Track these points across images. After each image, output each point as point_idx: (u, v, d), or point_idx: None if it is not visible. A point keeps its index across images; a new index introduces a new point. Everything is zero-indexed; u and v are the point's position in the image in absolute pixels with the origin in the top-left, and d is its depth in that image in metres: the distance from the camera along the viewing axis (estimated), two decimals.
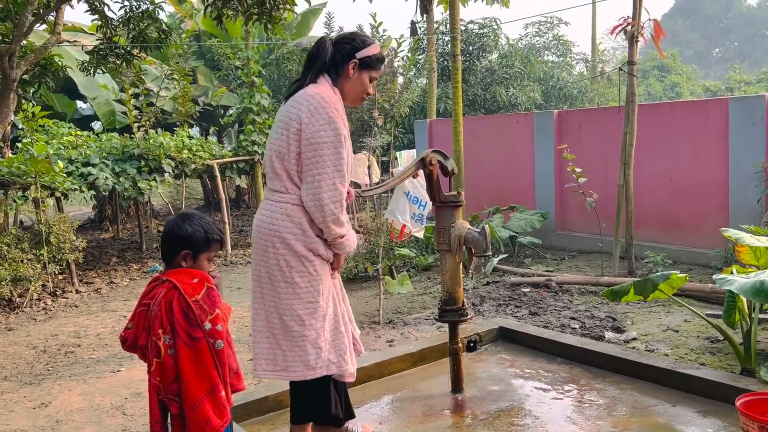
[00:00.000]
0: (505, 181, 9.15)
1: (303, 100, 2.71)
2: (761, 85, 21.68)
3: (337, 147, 2.67)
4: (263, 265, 2.76)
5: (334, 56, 2.82)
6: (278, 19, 6.90)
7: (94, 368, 4.85)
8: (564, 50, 17.87)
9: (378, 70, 2.92)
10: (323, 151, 2.65)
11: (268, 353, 2.77)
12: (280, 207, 2.72)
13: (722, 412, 3.24)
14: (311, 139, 2.65)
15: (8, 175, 7.25)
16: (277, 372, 2.76)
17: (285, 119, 2.73)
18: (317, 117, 2.66)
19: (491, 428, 3.24)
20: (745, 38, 47.12)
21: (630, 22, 6.22)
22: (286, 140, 2.70)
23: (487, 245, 3.27)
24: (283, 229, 2.70)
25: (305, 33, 16.62)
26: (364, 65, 2.84)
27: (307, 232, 2.71)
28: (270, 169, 2.78)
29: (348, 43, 2.84)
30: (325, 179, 2.65)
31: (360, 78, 2.86)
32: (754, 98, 6.52)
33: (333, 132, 2.66)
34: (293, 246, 2.69)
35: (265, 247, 2.74)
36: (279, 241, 2.70)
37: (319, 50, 2.82)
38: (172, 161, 8.99)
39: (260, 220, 2.78)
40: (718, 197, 6.75)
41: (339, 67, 2.82)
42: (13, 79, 6.89)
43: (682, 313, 5.05)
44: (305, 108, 2.68)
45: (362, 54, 2.82)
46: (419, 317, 5.47)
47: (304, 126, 2.66)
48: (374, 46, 2.87)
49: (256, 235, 2.79)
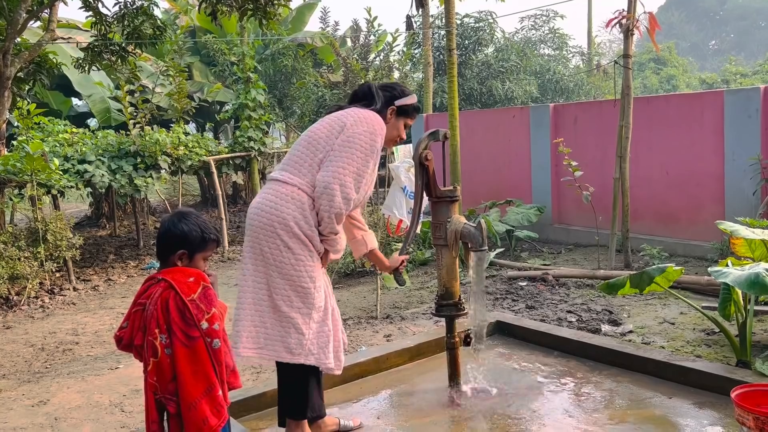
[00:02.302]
0: (501, 175, 9.16)
1: (352, 111, 2.93)
2: (757, 77, 21.69)
3: (367, 155, 2.82)
4: (260, 244, 2.77)
5: (382, 100, 3.04)
6: (273, 14, 6.89)
7: (93, 365, 4.85)
8: (560, 43, 17.86)
9: (413, 117, 3.17)
10: (355, 151, 2.79)
11: (250, 331, 2.77)
12: (287, 190, 2.78)
13: (718, 403, 3.26)
14: (350, 137, 2.81)
15: (4, 173, 7.24)
16: (257, 350, 2.76)
17: (330, 119, 2.90)
18: (361, 124, 2.85)
19: (489, 422, 3.26)
20: (741, 30, 47.13)
21: (625, 15, 6.21)
22: (325, 133, 2.84)
23: (483, 240, 3.28)
24: (286, 211, 2.75)
25: (300, 28, 16.58)
26: (401, 112, 3.10)
27: (309, 220, 2.77)
28: (293, 154, 2.87)
29: (389, 91, 3.09)
30: (344, 174, 2.76)
31: (396, 124, 3.11)
32: (749, 90, 6.53)
33: (370, 141, 2.84)
34: (293, 229, 2.74)
35: (264, 227, 2.76)
36: (280, 222, 2.74)
37: (371, 92, 3.06)
38: (168, 158, 8.98)
39: (262, 202, 2.80)
40: (714, 190, 6.76)
41: (383, 110, 3.03)
42: (8, 77, 6.87)
43: (678, 305, 5.07)
44: (353, 116, 2.88)
45: (401, 102, 3.08)
46: (416, 312, 5.49)
47: (347, 128, 2.83)
48: (412, 97, 3.15)
49: (256, 214, 2.79)
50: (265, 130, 10.84)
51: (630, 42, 6.36)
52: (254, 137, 10.21)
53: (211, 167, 9.63)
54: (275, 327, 2.76)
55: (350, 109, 2.94)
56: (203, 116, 15.57)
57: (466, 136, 8.92)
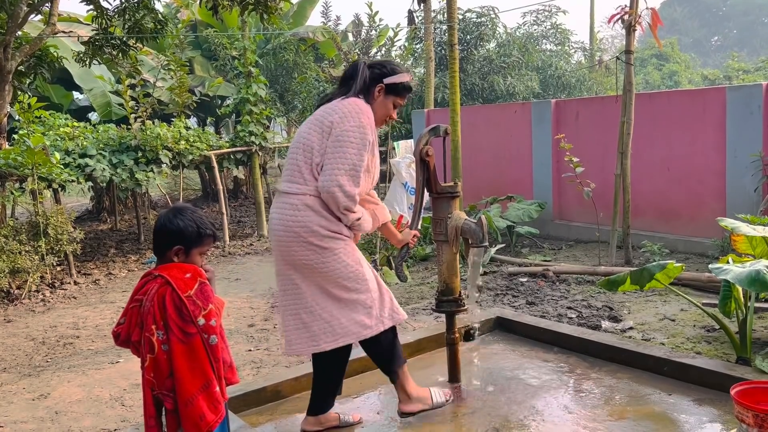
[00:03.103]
0: (502, 170, 9.15)
1: (337, 105, 2.93)
2: (759, 73, 21.62)
3: (360, 149, 2.85)
4: (293, 256, 2.89)
5: (366, 78, 3.02)
6: (274, 8, 6.88)
7: (93, 359, 4.86)
8: (562, 39, 17.79)
9: (403, 97, 3.13)
10: (347, 148, 2.83)
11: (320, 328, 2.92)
12: (299, 199, 2.86)
13: (718, 400, 3.26)
14: (339, 136, 2.84)
15: (5, 167, 7.24)
16: (333, 342, 2.93)
17: (317, 120, 2.92)
18: (348, 119, 2.86)
19: (488, 418, 3.26)
20: (744, 26, 46.98)
21: (628, 11, 6.19)
22: (317, 137, 2.88)
23: (483, 236, 3.27)
24: (306, 219, 2.85)
25: (302, 22, 16.54)
26: (389, 90, 3.06)
27: (329, 217, 2.87)
28: (292, 164, 2.93)
29: (378, 69, 3.06)
30: (340, 174, 2.81)
31: (384, 102, 3.07)
32: (751, 87, 6.51)
33: (360, 134, 2.86)
34: (320, 232, 2.85)
35: (293, 239, 2.87)
36: (306, 230, 2.84)
37: (354, 71, 3.04)
38: (169, 152, 8.97)
39: (281, 217, 2.90)
40: (715, 186, 6.75)
41: (368, 89, 3.03)
42: (9, 71, 6.87)
43: (678, 302, 5.07)
44: (339, 111, 2.89)
45: (389, 80, 3.04)
46: (417, 307, 5.49)
47: (335, 125, 2.85)
48: (403, 75, 3.09)
49: (281, 230, 2.90)
50: (266, 124, 10.81)
51: (632, 38, 6.34)
52: (255, 132, 10.19)
53: (212, 162, 9.62)
54: (346, 315, 2.92)
55: (334, 104, 2.95)
56: (204, 111, 15.55)
57: (468, 131, 8.91)
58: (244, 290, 6.82)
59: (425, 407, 3.19)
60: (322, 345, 2.93)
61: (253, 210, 11.70)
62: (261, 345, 4.91)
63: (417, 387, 3.19)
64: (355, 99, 2.96)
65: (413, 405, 3.15)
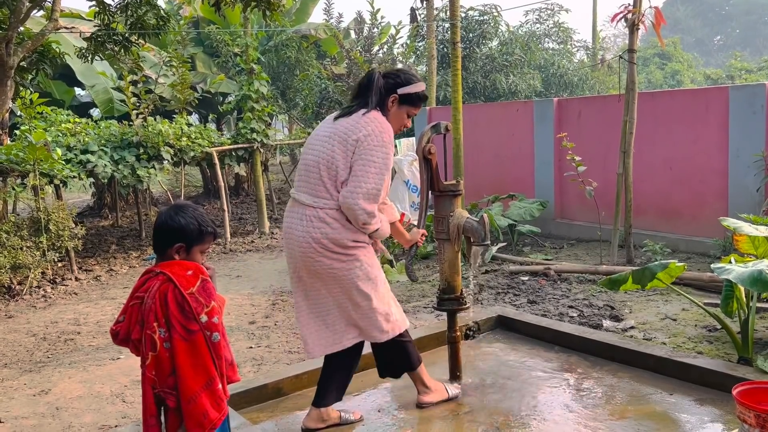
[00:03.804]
0: (504, 169, 9.14)
1: (362, 120, 2.96)
2: (762, 73, 21.58)
3: (382, 170, 2.93)
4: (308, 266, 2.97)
5: (381, 89, 3.05)
6: (276, 5, 6.87)
7: (94, 356, 4.87)
8: (564, 37, 17.75)
9: (417, 106, 3.15)
10: (370, 168, 2.90)
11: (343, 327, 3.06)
12: (327, 213, 2.93)
13: (719, 400, 3.26)
14: (364, 155, 2.89)
15: (7, 163, 7.24)
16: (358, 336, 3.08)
17: (341, 134, 2.95)
18: (374, 138, 2.91)
19: (489, 416, 3.26)
20: (747, 25, 46.87)
21: (631, 9, 6.18)
22: (341, 155, 2.92)
23: (485, 234, 3.27)
24: (334, 233, 2.92)
25: (304, 19, 16.51)
26: (403, 100, 3.09)
27: (353, 229, 2.96)
28: (313, 176, 2.97)
29: (392, 79, 3.08)
30: (361, 193, 2.88)
31: (398, 112, 3.11)
32: (754, 87, 6.50)
33: (383, 155, 2.93)
34: (346, 243, 2.94)
35: (307, 253, 2.95)
36: (332, 242, 2.92)
37: (370, 82, 3.06)
38: (170, 149, 8.97)
39: (307, 228, 2.95)
40: (718, 186, 6.74)
41: (383, 100, 3.06)
42: (11, 66, 6.86)
43: (680, 301, 5.06)
44: (364, 128, 2.93)
45: (403, 90, 3.07)
46: (418, 305, 5.49)
47: (360, 143, 2.90)
48: (417, 85, 3.10)
49: (295, 242, 2.97)
50: (267, 121, 10.80)
51: (635, 37, 6.33)
52: (257, 129, 10.18)
53: (213, 158, 9.62)
54: (366, 321, 3.03)
55: (356, 120, 2.96)
56: (206, 107, 15.52)
57: (470, 129, 8.90)
58: (245, 287, 6.82)
59: (443, 398, 3.34)
60: (344, 342, 3.04)
61: (255, 207, 11.70)
62: (262, 342, 4.91)
63: (433, 380, 3.35)
64: (375, 114, 2.98)
65: (433, 395, 3.30)
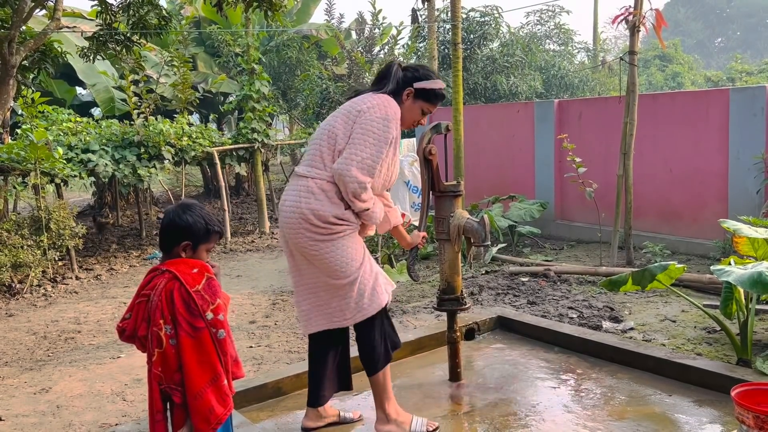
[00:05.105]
0: (505, 170, 9.15)
1: (369, 97, 2.93)
2: (762, 75, 21.57)
3: (381, 143, 2.84)
4: (294, 238, 2.87)
5: (398, 80, 3.01)
6: (278, 6, 6.87)
7: (95, 354, 4.88)
8: (565, 39, 17.76)
9: (433, 104, 3.09)
10: (368, 138, 2.82)
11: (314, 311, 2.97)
12: (316, 183, 2.85)
13: (718, 402, 3.27)
14: (363, 124, 2.84)
15: (8, 162, 7.25)
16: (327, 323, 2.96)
17: (344, 109, 2.93)
18: (376, 110, 2.86)
19: (488, 416, 3.27)
20: (748, 28, 46.87)
21: (632, 11, 6.19)
22: (342, 124, 2.88)
23: (486, 235, 3.28)
24: (305, 205, 2.83)
25: (305, 20, 16.53)
26: (419, 95, 3.03)
27: (340, 204, 2.85)
28: (315, 149, 2.92)
29: (411, 72, 3.04)
30: (355, 160, 2.80)
31: (413, 107, 3.05)
32: (754, 89, 6.51)
33: (383, 127, 2.85)
34: (327, 218, 2.82)
35: (292, 224, 2.86)
36: (302, 216, 2.82)
37: (388, 72, 3.02)
38: (171, 148, 8.98)
39: (287, 199, 2.91)
40: (718, 188, 6.75)
41: (399, 91, 3.01)
42: (13, 65, 6.87)
43: (679, 303, 5.07)
44: (367, 102, 2.89)
45: (419, 85, 3.02)
46: (418, 306, 5.49)
47: (362, 113, 2.86)
48: (435, 82, 3.05)
49: (284, 213, 2.90)
50: (268, 121, 10.81)
51: (636, 38, 6.34)
52: (258, 129, 10.19)
53: (214, 158, 9.63)
54: (334, 300, 2.90)
55: (365, 95, 2.96)
56: (207, 107, 15.54)
57: (470, 130, 8.91)
58: (245, 287, 6.83)
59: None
60: (342, 321, 2.94)
61: (255, 207, 11.71)
62: (262, 342, 4.92)
63: (399, 410, 3.02)
64: (386, 95, 2.95)
65: (388, 427, 2.97)
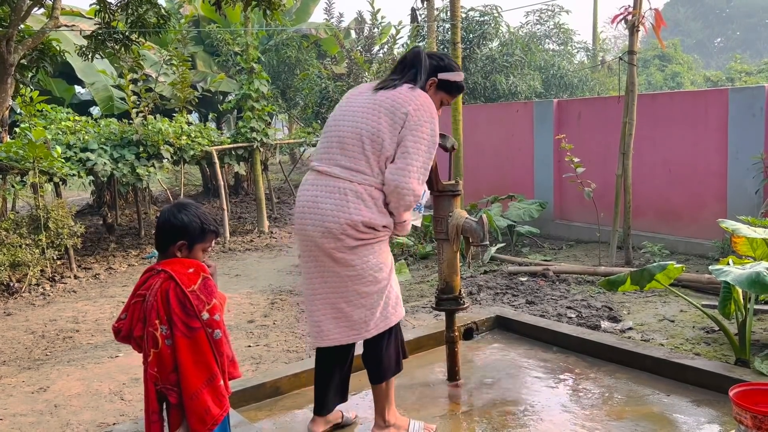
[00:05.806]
0: (504, 170, 9.15)
1: (410, 94, 2.82)
2: (762, 75, 21.58)
3: (430, 146, 2.81)
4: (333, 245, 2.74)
5: (427, 69, 2.94)
6: (277, 5, 6.86)
7: (93, 354, 4.87)
8: (565, 39, 17.76)
9: (453, 96, 3.08)
10: (421, 144, 2.77)
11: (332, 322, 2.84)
12: (363, 189, 2.75)
13: (716, 401, 3.26)
14: (414, 130, 2.75)
15: (6, 160, 7.24)
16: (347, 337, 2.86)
17: (388, 106, 2.78)
18: (423, 112, 2.78)
19: (487, 416, 3.27)
20: (748, 28, 46.88)
21: (631, 11, 6.19)
22: (388, 128, 2.76)
23: (484, 235, 3.28)
24: (368, 213, 2.73)
25: (305, 19, 16.52)
26: (441, 86, 3.00)
27: (385, 212, 2.80)
28: (353, 149, 2.77)
29: (436, 61, 2.99)
30: (413, 171, 2.75)
31: (434, 97, 2.96)
32: (754, 89, 6.51)
33: (432, 132, 2.81)
34: (372, 224, 2.75)
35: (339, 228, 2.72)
36: (362, 221, 2.72)
37: (416, 59, 2.95)
38: (170, 147, 8.97)
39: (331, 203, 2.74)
40: (716, 188, 6.75)
41: (422, 79, 2.93)
42: (11, 64, 6.86)
43: (678, 303, 5.07)
44: (413, 102, 2.79)
45: (444, 76, 2.98)
46: (416, 305, 5.49)
47: (410, 117, 2.75)
48: (458, 74, 3.03)
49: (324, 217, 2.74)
50: (267, 120, 10.80)
51: (635, 38, 6.34)
52: (257, 128, 10.18)
53: (213, 157, 9.62)
54: (357, 311, 2.80)
55: (404, 93, 2.81)
56: (206, 106, 15.53)
57: (470, 130, 8.91)
58: (244, 286, 6.83)
59: None
60: (363, 333, 2.83)
61: (254, 206, 11.70)
62: (260, 341, 4.91)
63: (397, 414, 2.99)
64: (423, 92, 2.86)
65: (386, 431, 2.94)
